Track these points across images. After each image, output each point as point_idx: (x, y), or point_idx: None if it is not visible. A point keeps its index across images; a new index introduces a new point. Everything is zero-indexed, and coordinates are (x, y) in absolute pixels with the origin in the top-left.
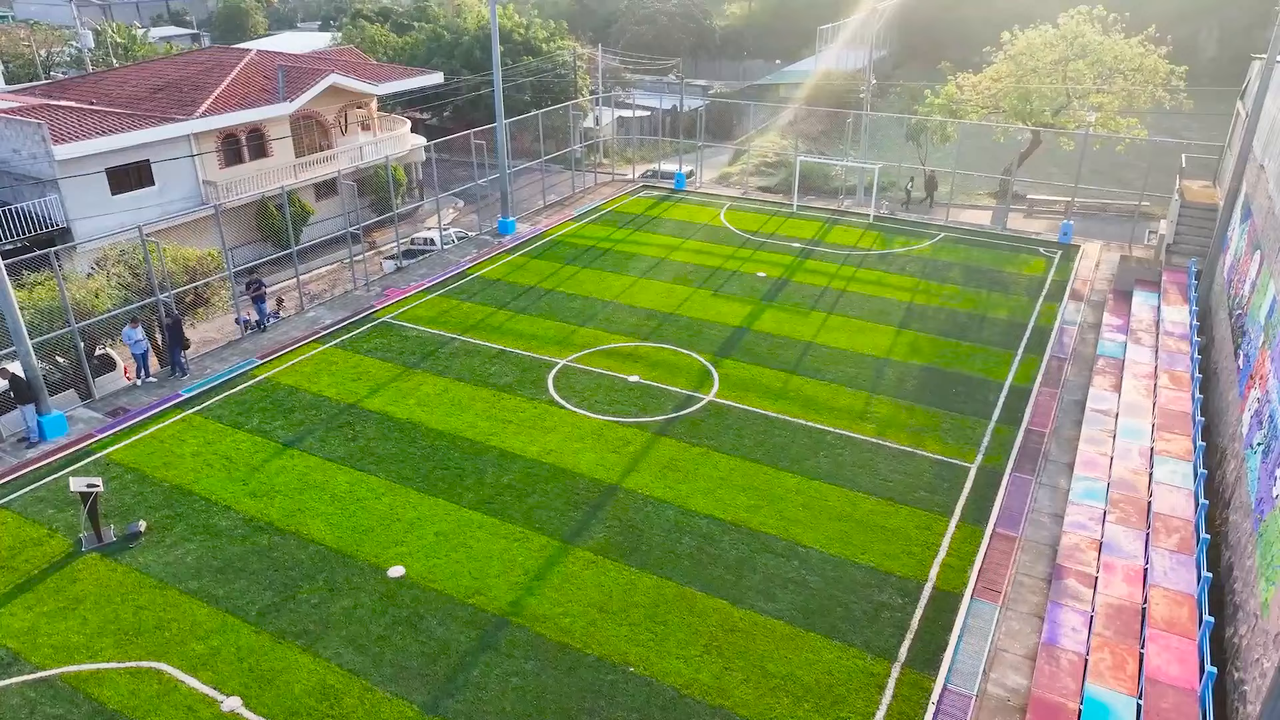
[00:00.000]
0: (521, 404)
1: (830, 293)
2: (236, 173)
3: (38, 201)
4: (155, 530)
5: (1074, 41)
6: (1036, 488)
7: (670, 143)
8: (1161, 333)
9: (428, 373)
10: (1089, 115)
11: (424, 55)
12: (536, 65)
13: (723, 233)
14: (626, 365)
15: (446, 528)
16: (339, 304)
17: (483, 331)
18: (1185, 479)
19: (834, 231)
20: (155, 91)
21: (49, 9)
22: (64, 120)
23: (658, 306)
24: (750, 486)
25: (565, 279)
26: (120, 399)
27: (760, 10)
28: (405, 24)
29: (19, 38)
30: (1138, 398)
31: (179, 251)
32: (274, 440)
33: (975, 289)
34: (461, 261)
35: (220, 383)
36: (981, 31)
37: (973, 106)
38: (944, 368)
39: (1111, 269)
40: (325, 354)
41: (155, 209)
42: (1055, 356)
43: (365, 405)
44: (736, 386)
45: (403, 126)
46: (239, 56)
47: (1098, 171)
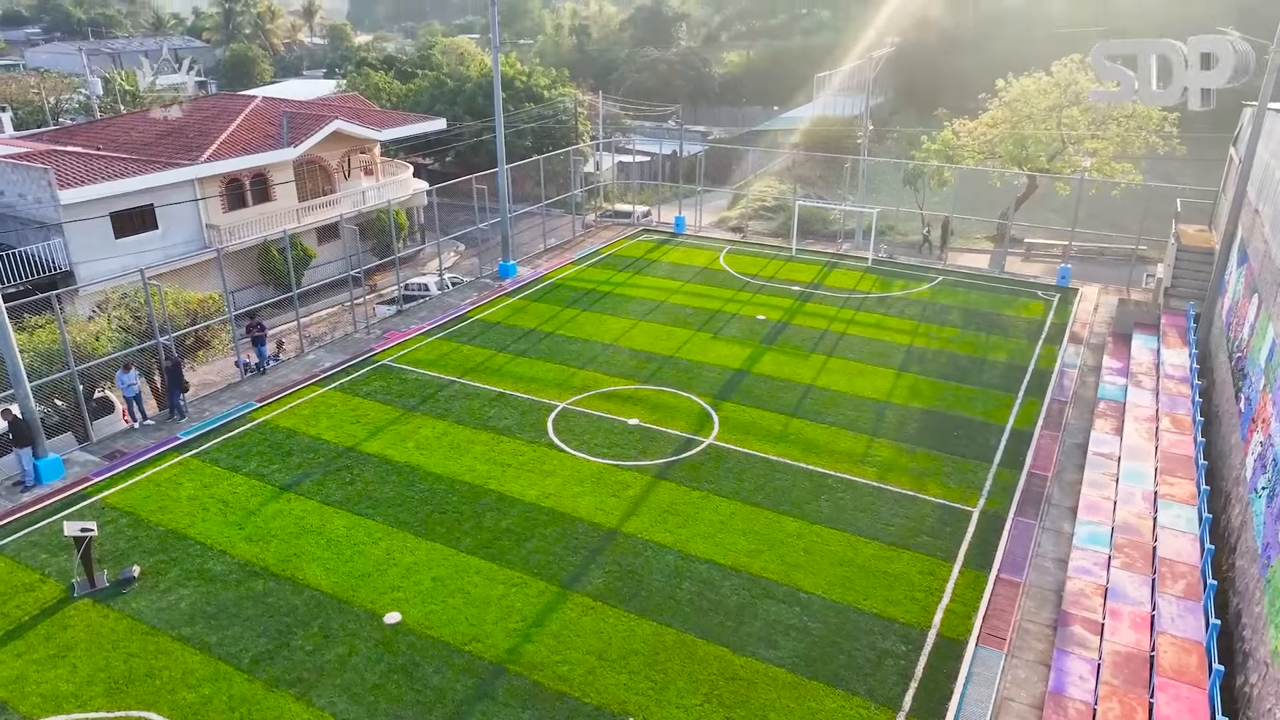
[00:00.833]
0: (521, 447)
1: (830, 335)
2: (239, 216)
3: (42, 245)
4: (149, 575)
5: (1067, 88)
6: (1040, 532)
7: (670, 187)
8: (1162, 375)
9: (427, 416)
10: (1084, 161)
11: (427, 102)
12: (538, 111)
13: (722, 276)
14: (626, 408)
15: (444, 573)
16: (339, 347)
17: (482, 374)
18: (1190, 523)
19: (833, 274)
20: (161, 137)
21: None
22: (70, 165)
23: (658, 349)
24: (751, 531)
25: (565, 322)
26: (118, 441)
27: (758, 58)
28: (409, 71)
29: (28, 85)
30: (1140, 441)
31: (180, 294)
32: (271, 484)
33: (975, 332)
34: (462, 304)
35: (218, 425)
36: (976, 78)
37: (969, 152)
38: (945, 411)
39: (1110, 312)
40: (324, 397)
41: (158, 252)
42: (1056, 399)
43: (363, 448)
44: (737, 429)
45: (405, 171)
46: (244, 103)
47: (1094, 215)
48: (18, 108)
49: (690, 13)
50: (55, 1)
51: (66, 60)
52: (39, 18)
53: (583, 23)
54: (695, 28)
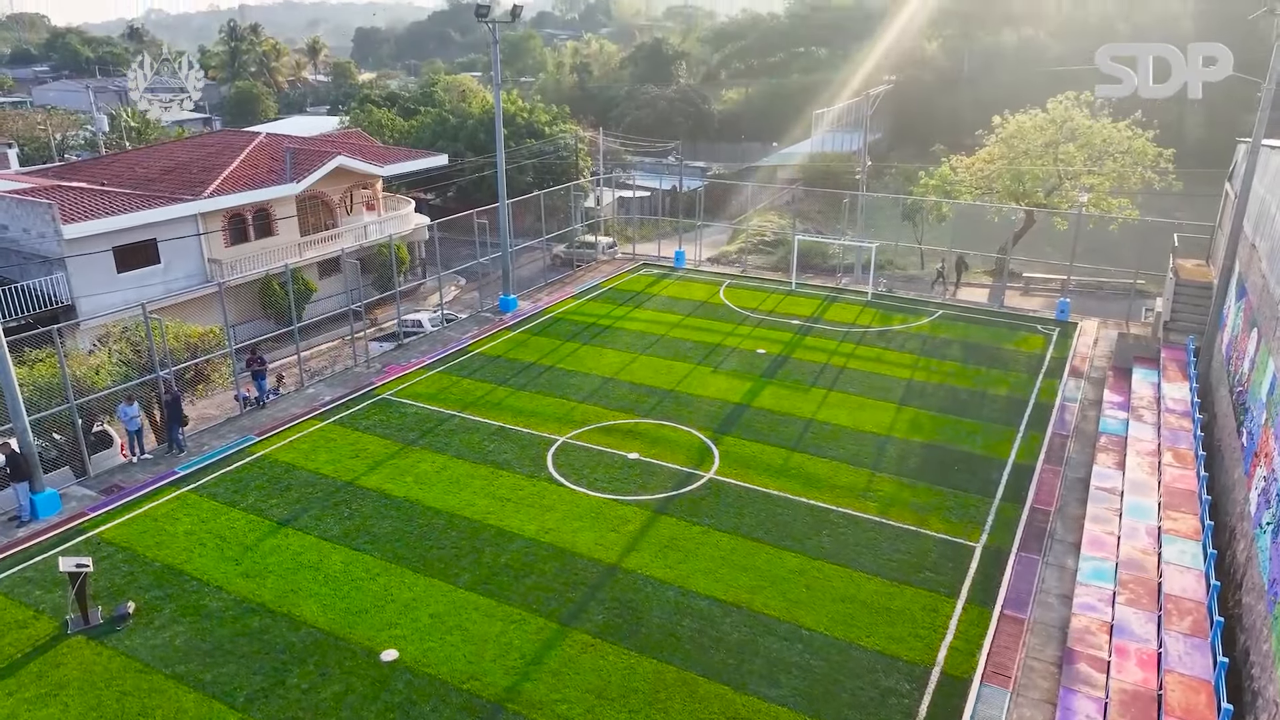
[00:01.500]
0: (520, 481)
1: (830, 369)
2: (241, 251)
3: (44, 279)
4: (144, 611)
5: (1063, 125)
6: (1043, 568)
7: (670, 222)
8: (1163, 410)
9: (426, 450)
10: (1081, 196)
11: (429, 138)
12: (539, 147)
13: (722, 310)
14: (626, 442)
15: (442, 609)
16: (339, 380)
17: (482, 408)
18: (1195, 559)
19: (832, 309)
20: (165, 173)
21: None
22: (74, 200)
23: (657, 383)
24: (752, 566)
25: (565, 355)
26: (115, 476)
27: (757, 95)
28: (412, 108)
29: (35, 122)
30: (1142, 475)
31: (181, 328)
32: (269, 519)
33: (975, 366)
34: (462, 338)
35: (217, 460)
36: (973, 115)
37: (966, 187)
38: (946, 445)
39: (1110, 346)
40: (324, 431)
41: (160, 286)
42: (1057, 433)
43: (362, 483)
44: (737, 464)
45: (407, 206)
46: (248, 139)
47: (1092, 250)
48: (24, 144)
49: (690, 51)
50: (64, 40)
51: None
52: (48, 56)
53: (584, 61)
54: (695, 66)
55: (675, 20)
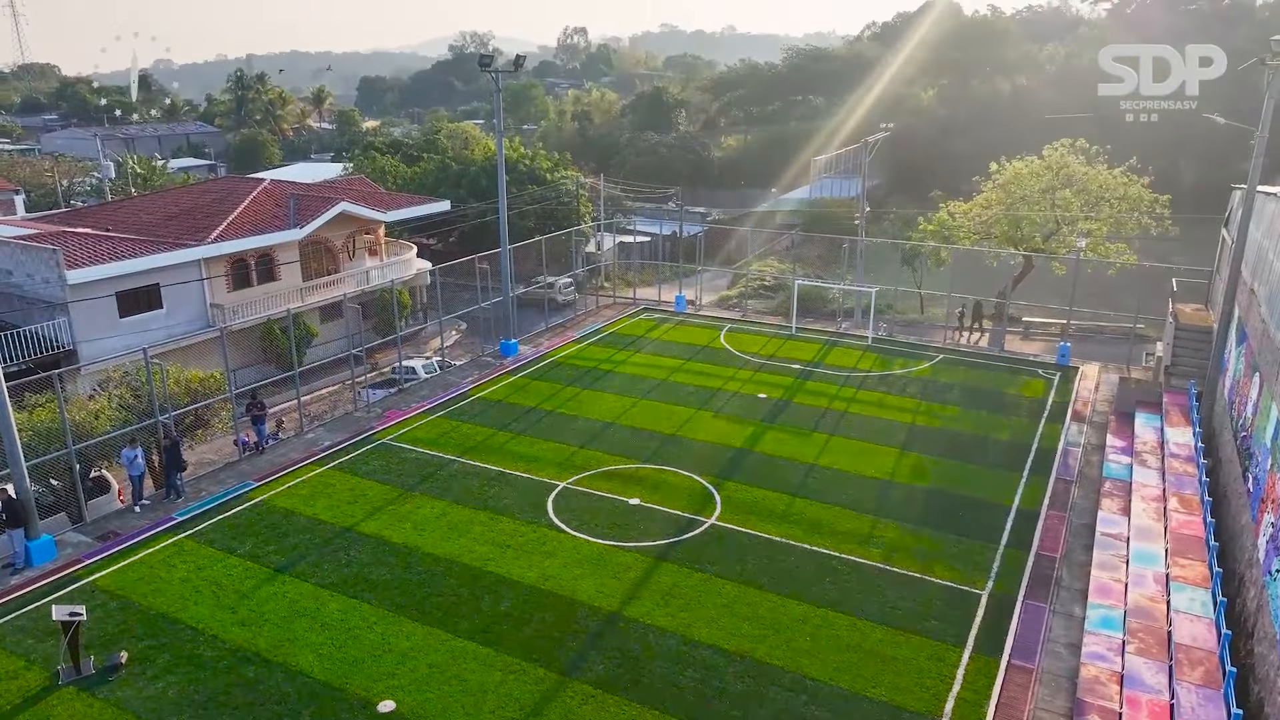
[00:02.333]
0: (520, 528)
1: (831, 414)
2: (244, 295)
3: (46, 324)
4: (137, 661)
5: (1059, 171)
6: (1051, 616)
7: (670, 266)
8: (1167, 454)
9: (426, 495)
10: (1079, 241)
11: (432, 184)
12: (540, 193)
13: (723, 354)
14: (627, 488)
15: (440, 659)
16: (338, 425)
17: (482, 453)
18: (1205, 607)
19: (833, 353)
20: (170, 218)
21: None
22: (79, 246)
23: (659, 428)
24: (755, 615)
25: (566, 400)
26: (112, 522)
27: (756, 142)
28: (415, 155)
29: (43, 169)
30: (1148, 521)
31: (181, 373)
32: (266, 566)
33: (977, 410)
34: (463, 383)
35: (215, 505)
36: (969, 162)
37: (965, 233)
38: (949, 490)
39: (1111, 390)
40: (323, 476)
41: (162, 331)
42: (1061, 478)
43: (361, 529)
44: (739, 509)
45: (409, 251)
46: (253, 185)
47: (1091, 294)
48: (31, 190)
49: (689, 99)
50: (73, 89)
51: (82, 145)
52: (57, 105)
53: (585, 109)
54: (694, 113)
55: (675, 70)
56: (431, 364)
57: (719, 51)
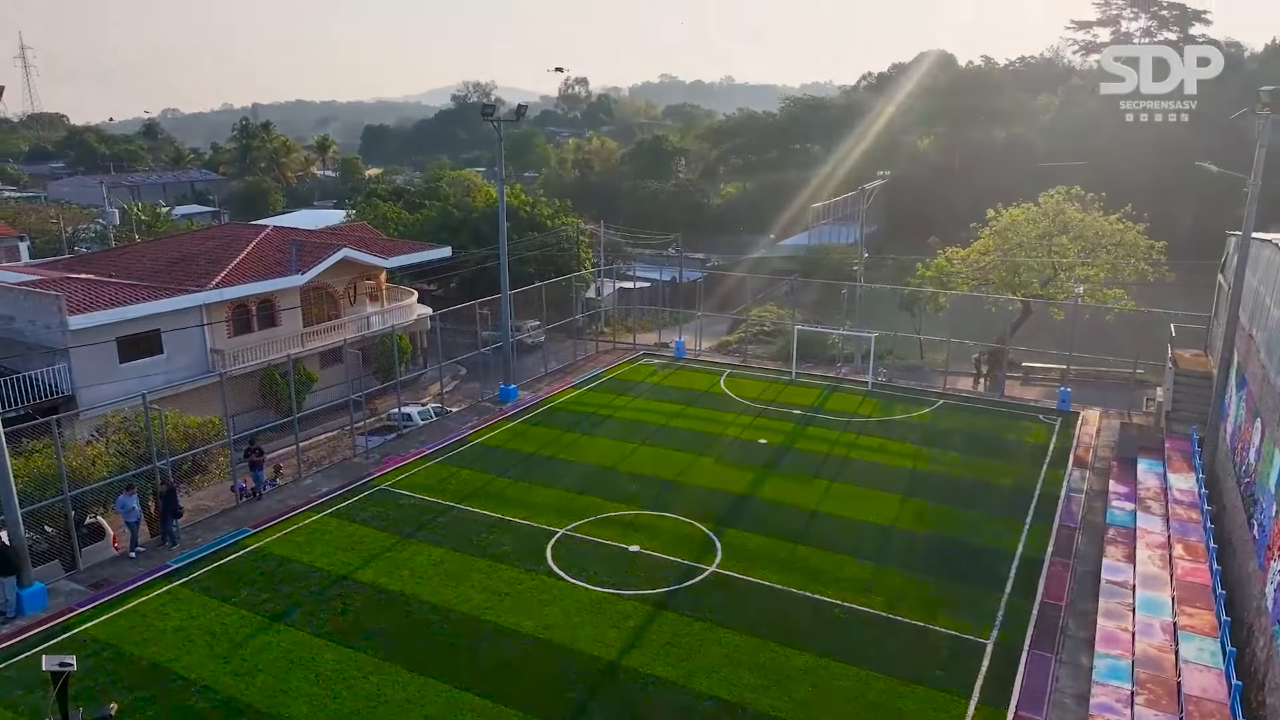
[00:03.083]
0: (519, 575)
1: (832, 460)
2: (244, 341)
3: (46, 369)
4: (127, 713)
5: (1055, 218)
6: (1057, 666)
7: (670, 312)
8: (1170, 501)
9: (423, 542)
10: (1077, 287)
11: (433, 231)
12: (541, 240)
13: (723, 399)
14: (627, 535)
15: (436, 710)
16: (337, 471)
17: (481, 499)
18: (1214, 657)
19: (833, 398)
20: (173, 264)
21: (80, 190)
22: (81, 292)
23: (659, 473)
24: (757, 665)
25: (566, 446)
26: (106, 570)
27: (754, 189)
28: (417, 202)
29: (48, 216)
30: (1153, 569)
31: (180, 419)
32: (261, 614)
33: (978, 456)
34: (462, 428)
35: (210, 553)
36: (966, 208)
37: (962, 279)
38: (952, 537)
39: (1113, 436)
40: (320, 523)
41: (161, 376)
42: (1064, 525)
43: (357, 576)
44: (740, 557)
45: (410, 297)
46: (255, 232)
47: (1091, 339)
48: (36, 237)
49: (689, 148)
50: (81, 138)
51: (87, 192)
52: (64, 153)
53: (585, 156)
54: (694, 161)
55: (675, 118)
56: (428, 410)
57: (717, 101)
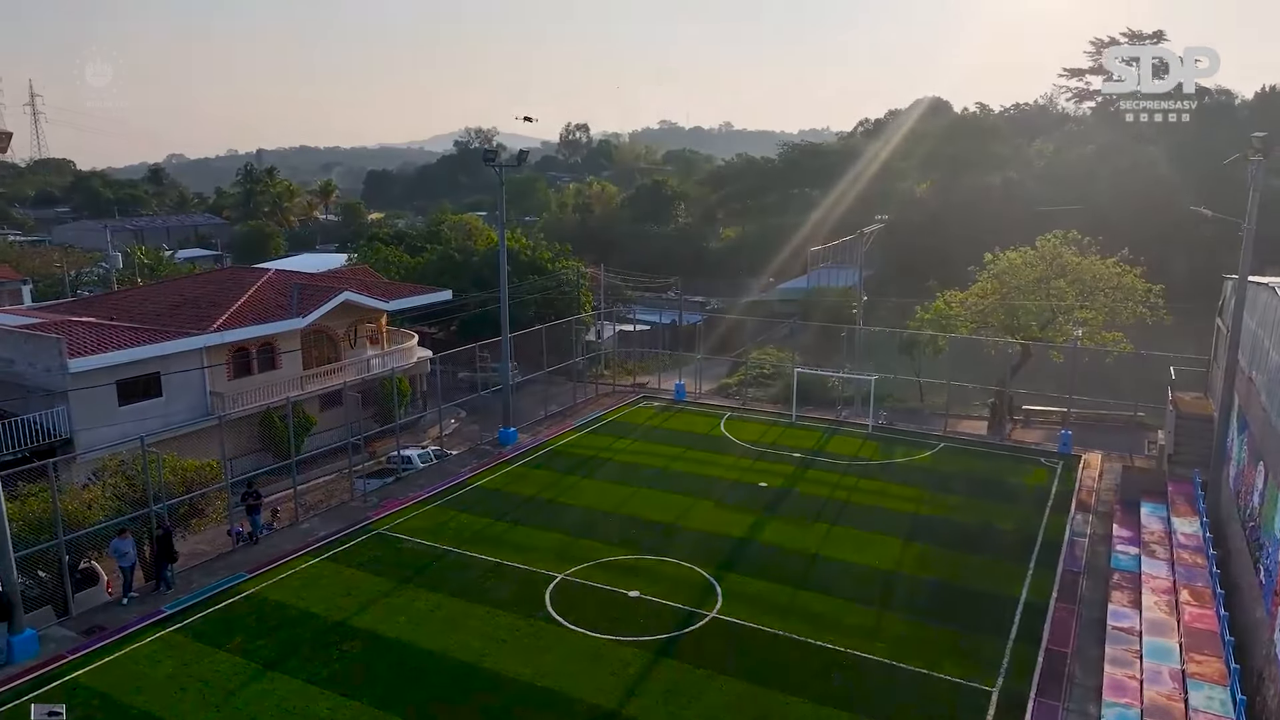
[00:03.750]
0: (517, 621)
1: (833, 503)
2: (244, 384)
3: (44, 412)
4: None
5: (1053, 261)
6: (1065, 714)
7: (669, 355)
8: (1175, 546)
9: (420, 588)
10: (1075, 330)
11: (434, 274)
12: (541, 283)
13: (723, 442)
14: (627, 580)
15: None
16: (334, 515)
17: (480, 544)
18: (1224, 706)
19: (833, 441)
20: (174, 307)
21: (84, 234)
22: (81, 335)
23: (659, 518)
24: (759, 713)
25: (565, 489)
26: (99, 616)
27: (753, 233)
28: (418, 246)
29: (51, 259)
30: (1160, 615)
31: (178, 462)
32: (255, 661)
33: (980, 500)
34: (461, 472)
35: (205, 598)
36: (964, 251)
37: (961, 321)
38: (955, 582)
39: (1115, 479)
40: (317, 567)
41: (159, 419)
42: (1068, 570)
43: (354, 622)
44: (741, 602)
45: (410, 340)
46: (257, 275)
47: (1091, 382)
48: (39, 280)
49: (688, 192)
50: (87, 183)
51: (91, 236)
52: (70, 197)
53: (585, 201)
54: (693, 205)
55: (674, 164)
56: (427, 453)
57: (716, 147)
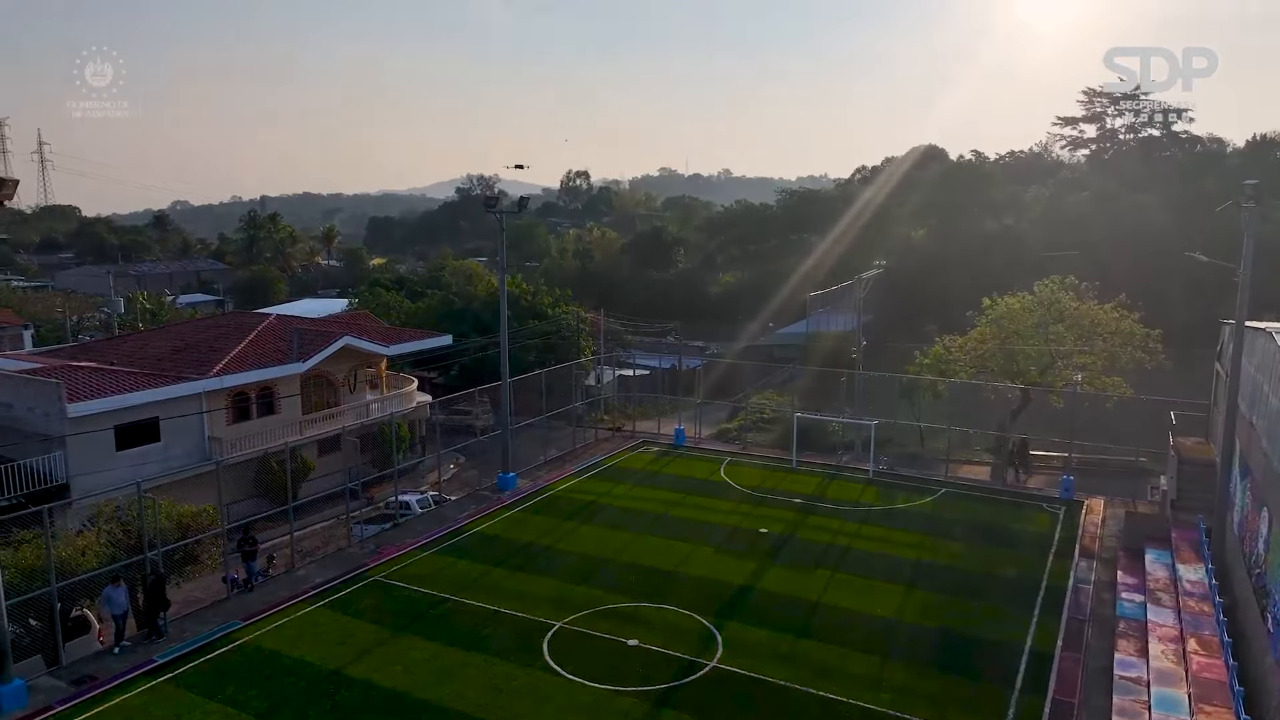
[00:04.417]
0: (514, 671)
1: (835, 549)
2: (243, 429)
3: (41, 458)
4: None
5: (1051, 307)
6: None
7: (669, 400)
8: (1181, 593)
9: (417, 636)
10: (1075, 374)
11: (435, 319)
12: (542, 328)
13: (723, 488)
14: (626, 628)
15: None
16: (331, 561)
17: (478, 591)
18: None
19: (834, 486)
20: (175, 352)
21: (86, 279)
22: (81, 380)
23: (659, 564)
24: None
25: (564, 535)
26: (89, 665)
27: (752, 278)
28: (419, 291)
29: (54, 305)
30: (1167, 664)
31: (174, 508)
32: (246, 713)
33: (983, 546)
34: (459, 517)
35: (198, 647)
36: (962, 296)
37: (960, 366)
38: (959, 630)
39: (1118, 525)
40: (312, 615)
41: (158, 464)
42: (1074, 618)
43: (349, 672)
44: (742, 651)
45: (410, 385)
46: (258, 320)
47: (1091, 427)
48: (40, 325)
49: (687, 238)
50: (91, 229)
51: (94, 282)
52: (74, 243)
53: (585, 246)
54: (692, 251)
55: (673, 210)
56: (426, 499)
57: (715, 193)
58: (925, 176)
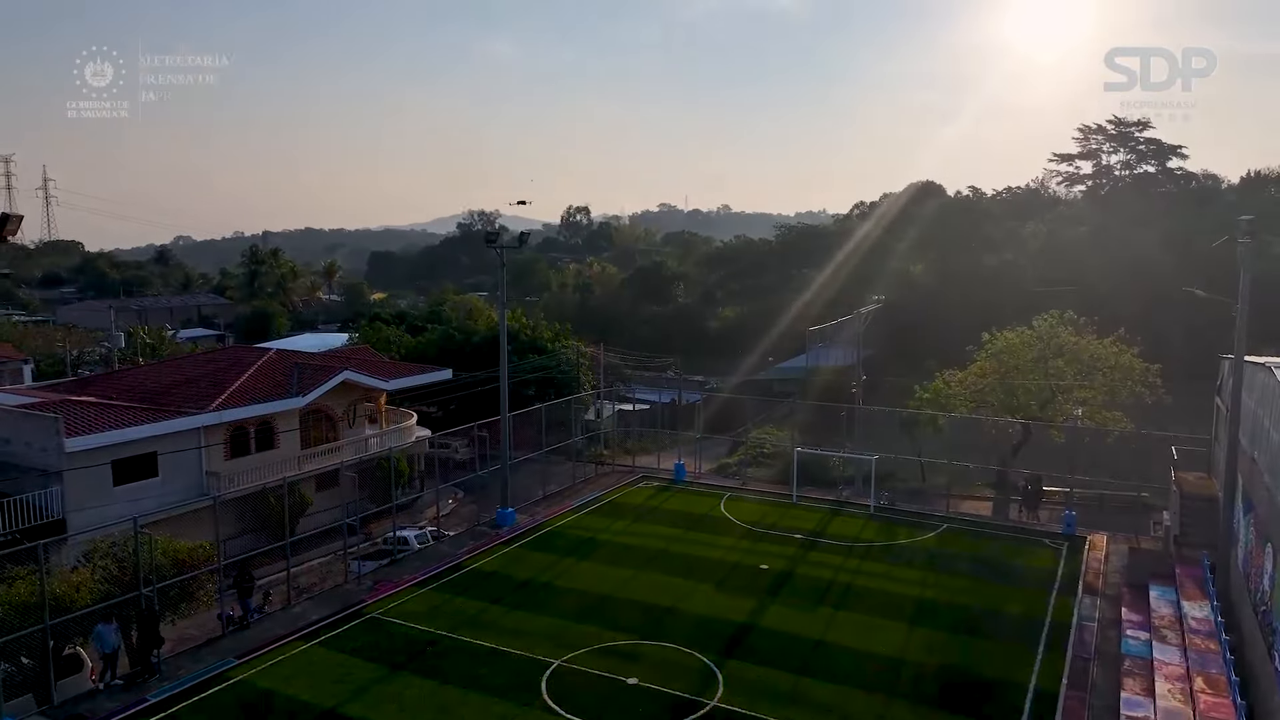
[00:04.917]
0: (512, 710)
1: (836, 586)
2: (241, 464)
3: (38, 493)
4: None
5: (1050, 341)
6: None
7: (669, 434)
8: (1186, 630)
9: (414, 675)
10: (1075, 409)
11: (435, 354)
12: (541, 362)
13: (723, 523)
14: (625, 666)
15: None
16: (328, 598)
17: (475, 629)
18: None
19: (835, 522)
20: (174, 386)
21: (88, 314)
22: (79, 414)
23: (658, 600)
24: None
25: (563, 572)
26: (81, 704)
27: (751, 312)
28: (419, 325)
29: (54, 339)
30: (1175, 704)
31: (170, 544)
32: None
33: (985, 582)
34: (458, 553)
35: (192, 685)
36: (962, 330)
37: (960, 400)
38: (962, 668)
39: (1121, 561)
40: (307, 653)
41: (154, 499)
42: (1078, 656)
43: (344, 710)
44: (742, 690)
45: (409, 419)
46: (258, 355)
47: (1093, 461)
48: (41, 359)
49: (687, 273)
50: (94, 264)
51: (95, 316)
52: (76, 278)
53: (586, 281)
54: (692, 286)
55: (673, 245)
56: (424, 534)
57: (714, 228)
58: (923, 212)
